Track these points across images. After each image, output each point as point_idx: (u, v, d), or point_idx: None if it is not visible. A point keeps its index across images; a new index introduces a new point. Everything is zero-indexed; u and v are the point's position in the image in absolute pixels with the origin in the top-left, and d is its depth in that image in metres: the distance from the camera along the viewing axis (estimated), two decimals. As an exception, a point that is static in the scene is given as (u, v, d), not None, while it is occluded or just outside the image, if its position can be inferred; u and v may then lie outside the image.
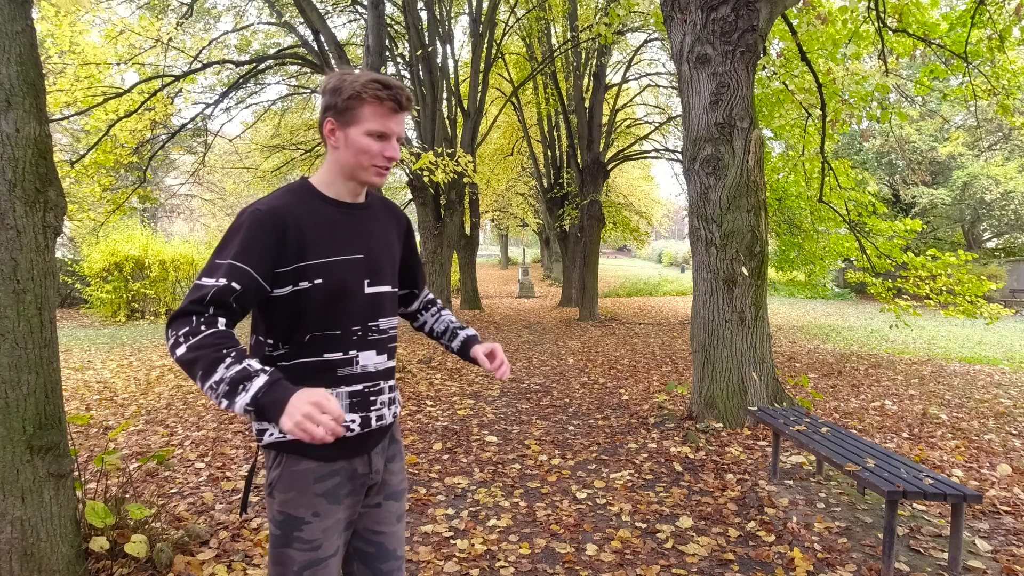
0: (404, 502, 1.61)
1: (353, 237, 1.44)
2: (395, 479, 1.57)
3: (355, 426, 1.43)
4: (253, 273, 1.30)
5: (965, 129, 21.05)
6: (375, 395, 1.47)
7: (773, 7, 5.20)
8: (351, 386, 1.43)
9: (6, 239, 2.18)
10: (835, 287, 22.43)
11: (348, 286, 1.41)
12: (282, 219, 1.34)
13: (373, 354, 1.46)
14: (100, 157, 8.97)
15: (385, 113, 1.37)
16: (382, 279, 1.49)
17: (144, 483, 3.82)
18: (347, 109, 1.37)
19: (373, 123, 1.37)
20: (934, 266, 7.39)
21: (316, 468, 1.40)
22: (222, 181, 23.79)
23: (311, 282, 1.36)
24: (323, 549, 1.40)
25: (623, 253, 52.42)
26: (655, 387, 6.96)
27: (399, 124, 1.40)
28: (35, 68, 2.30)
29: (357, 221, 1.47)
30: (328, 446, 1.34)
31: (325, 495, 1.40)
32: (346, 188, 1.46)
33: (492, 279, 32.79)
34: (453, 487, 3.85)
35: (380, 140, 1.38)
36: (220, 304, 1.27)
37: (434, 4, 12.19)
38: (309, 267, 1.36)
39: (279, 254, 1.33)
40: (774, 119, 8.90)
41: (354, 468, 1.46)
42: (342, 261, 1.41)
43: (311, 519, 1.39)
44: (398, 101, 1.37)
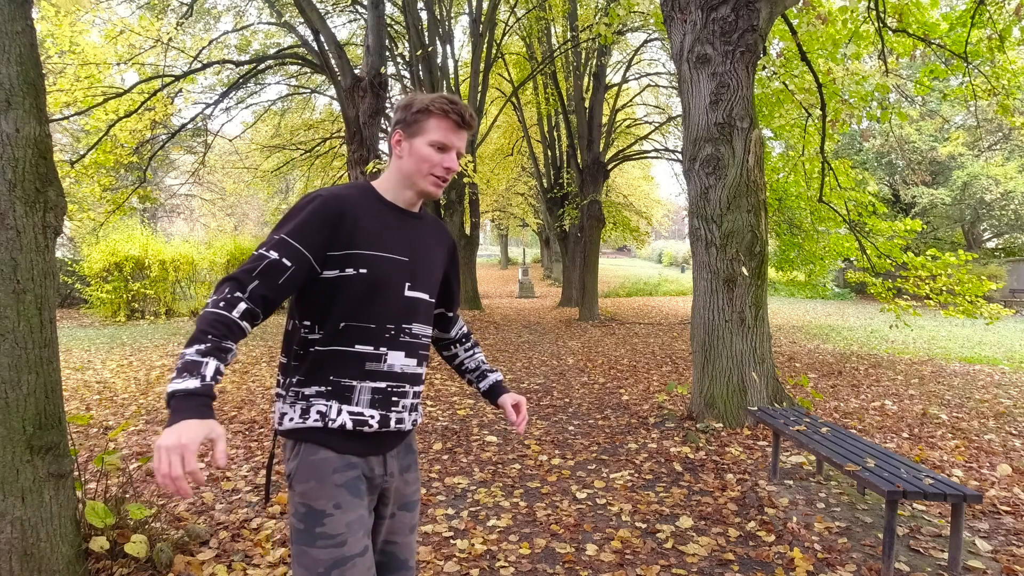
0: (417, 513, 1.62)
1: (402, 240, 1.50)
2: (409, 489, 1.58)
3: (374, 422, 1.44)
4: (302, 249, 1.36)
5: (965, 129, 21.05)
6: (398, 396, 1.48)
7: (773, 7, 5.20)
8: (376, 382, 1.45)
9: (6, 239, 2.18)
10: (835, 287, 22.44)
11: (389, 283, 1.46)
12: (341, 206, 1.42)
13: (402, 355, 1.48)
14: (100, 157, 8.97)
15: (449, 127, 1.47)
16: (422, 286, 1.53)
17: (144, 483, 3.82)
18: (415, 122, 1.47)
19: (436, 134, 1.46)
20: (934, 266, 7.39)
21: (334, 459, 1.40)
22: (222, 181, 23.81)
23: (356, 270, 1.41)
24: (349, 546, 1.36)
25: (623, 253, 52.42)
26: (655, 387, 6.96)
27: (460, 139, 1.50)
28: (35, 68, 2.30)
29: (408, 227, 1.53)
30: (346, 438, 1.41)
31: (346, 486, 1.39)
32: (403, 196, 1.53)
33: (492, 279, 32.78)
34: (453, 487, 3.85)
35: (441, 151, 1.48)
36: (268, 277, 1.33)
37: (434, 4, 12.19)
38: (357, 256, 1.41)
39: (333, 237, 1.40)
40: (774, 119, 8.90)
41: (371, 467, 1.47)
42: (388, 258, 1.46)
43: (333, 511, 1.37)
44: (461, 116, 1.47)
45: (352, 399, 1.42)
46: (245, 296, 1.31)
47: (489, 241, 52.96)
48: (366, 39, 8.12)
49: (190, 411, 1.16)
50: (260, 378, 7.32)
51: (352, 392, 1.42)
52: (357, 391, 1.42)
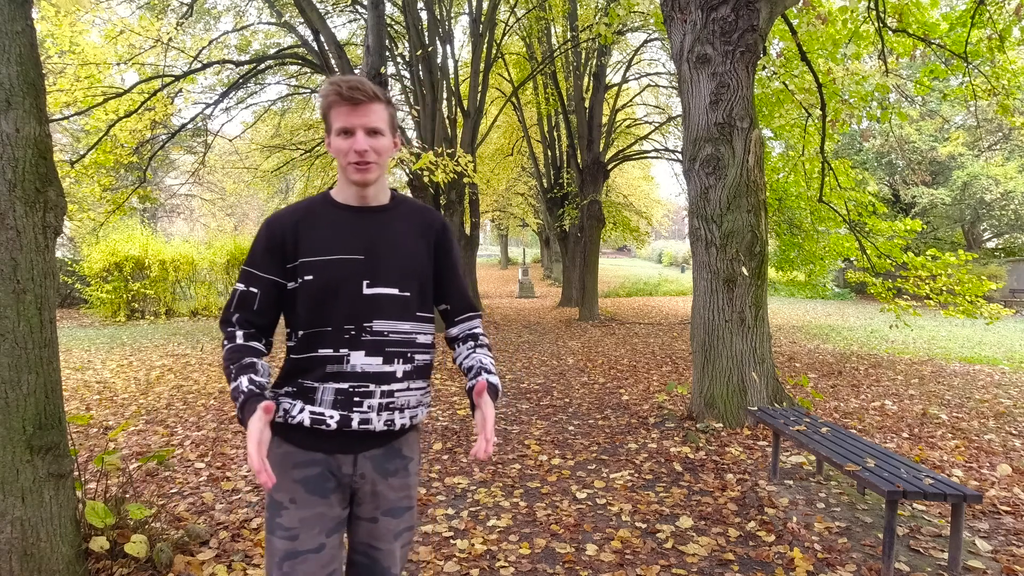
0: (406, 519, 1.57)
1: (355, 238, 1.49)
2: (394, 495, 1.54)
3: (332, 422, 1.44)
4: (261, 274, 1.48)
5: (965, 129, 21.05)
6: (361, 396, 1.46)
7: (773, 7, 5.20)
8: (339, 383, 1.45)
9: (6, 239, 2.18)
10: (835, 287, 22.43)
11: (341, 284, 1.46)
12: (277, 225, 1.49)
13: (363, 355, 1.46)
14: (100, 157, 8.97)
15: (343, 110, 1.42)
16: (385, 282, 1.49)
17: (144, 483, 3.82)
18: (324, 119, 1.48)
19: (336, 122, 1.44)
20: (934, 266, 7.39)
21: (295, 453, 1.45)
22: (222, 181, 23.80)
23: (303, 278, 1.46)
24: (300, 541, 1.41)
25: (623, 253, 52.42)
26: (655, 387, 6.96)
27: (362, 116, 1.42)
28: (35, 68, 2.30)
29: (366, 223, 1.52)
30: (305, 434, 1.46)
31: (303, 482, 1.44)
32: (351, 192, 1.52)
33: (492, 279, 32.78)
34: (453, 487, 3.85)
35: (346, 137, 1.43)
36: (243, 307, 1.49)
37: (434, 4, 12.18)
38: (303, 264, 1.46)
39: (282, 254, 1.47)
40: (774, 119, 8.90)
41: (338, 465, 1.47)
42: (335, 260, 1.47)
43: (288, 505, 1.43)
44: (342, 95, 1.40)
45: (315, 399, 1.45)
46: (236, 328, 1.48)
47: (489, 241, 52.96)
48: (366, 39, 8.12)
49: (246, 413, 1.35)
50: (260, 378, 7.31)
51: (315, 393, 1.45)
52: (320, 392, 1.45)
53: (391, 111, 1.49)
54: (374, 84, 1.46)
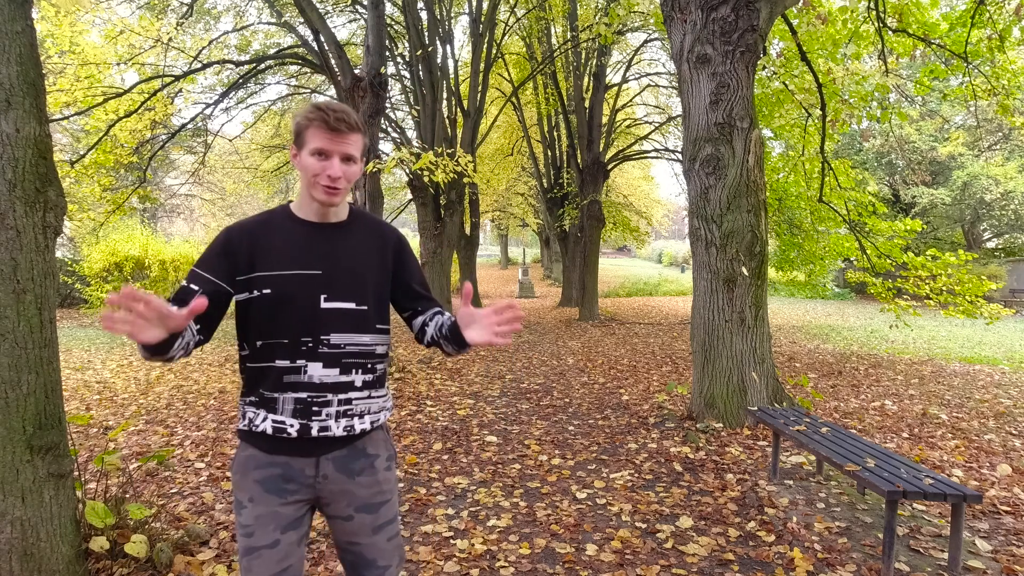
0: (384, 513, 1.61)
1: (314, 253, 1.53)
2: (366, 492, 1.58)
3: (293, 431, 1.50)
4: (207, 275, 1.49)
5: (965, 129, 21.04)
6: (319, 405, 1.51)
7: (773, 7, 5.20)
8: (297, 393, 1.50)
9: (6, 239, 2.18)
10: (835, 287, 22.43)
11: (297, 299, 1.50)
12: (236, 235, 1.53)
13: (320, 366, 1.50)
14: (100, 157, 8.97)
15: (323, 133, 1.46)
16: (344, 296, 1.53)
17: (144, 483, 3.82)
18: (298, 135, 1.50)
19: (313, 142, 1.47)
20: (934, 266, 7.38)
21: (258, 456, 1.52)
22: (222, 181, 23.79)
23: (260, 291, 1.50)
24: (256, 537, 1.49)
25: (623, 253, 52.41)
26: (655, 387, 6.96)
27: (341, 144, 1.47)
28: (35, 68, 2.30)
29: (324, 239, 1.55)
30: (267, 440, 1.52)
31: (262, 482, 1.51)
32: (312, 208, 1.55)
33: (492, 279, 32.78)
34: (453, 487, 3.85)
35: (321, 159, 1.47)
36: (180, 300, 1.43)
37: (434, 4, 12.18)
38: (259, 278, 1.50)
39: (234, 263, 1.51)
40: (774, 119, 8.90)
41: (300, 468, 1.52)
42: (293, 275, 1.51)
43: (247, 504, 1.51)
44: (326, 122, 1.45)
45: (277, 408, 1.50)
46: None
47: (489, 241, 52.95)
48: (366, 39, 8.12)
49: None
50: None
51: (276, 403, 1.51)
52: (280, 401, 1.50)
53: (365, 140, 1.55)
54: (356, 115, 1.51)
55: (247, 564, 1.49)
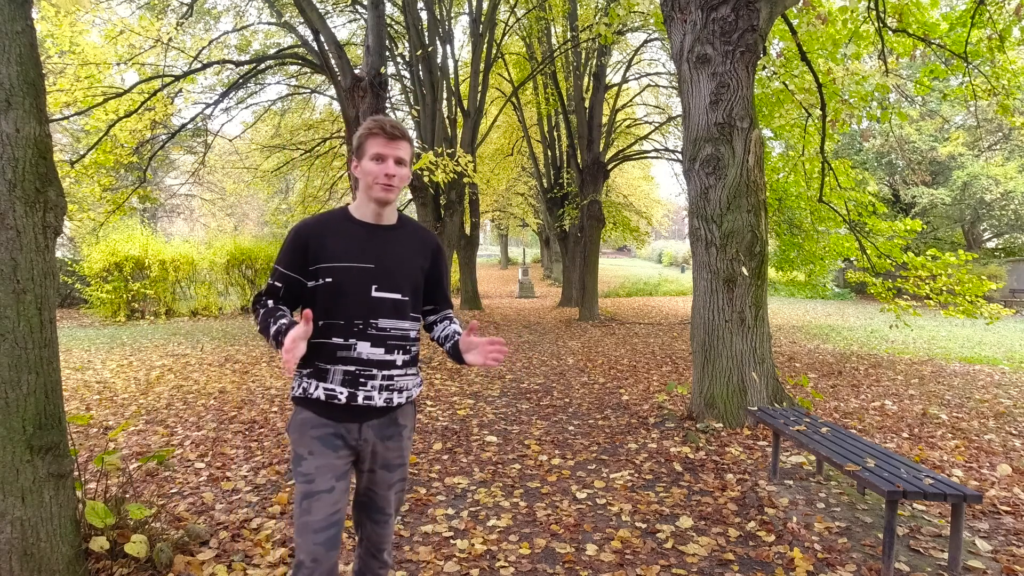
0: (398, 474, 1.94)
1: (369, 250, 1.84)
2: (391, 454, 1.91)
3: (343, 397, 1.80)
4: (287, 272, 1.84)
5: (965, 129, 21.04)
6: (366, 378, 1.82)
7: (773, 7, 5.20)
8: (347, 366, 1.81)
9: (6, 239, 2.18)
10: (835, 287, 22.43)
11: (354, 287, 1.80)
12: (306, 233, 1.84)
13: (368, 345, 1.82)
14: (100, 157, 8.97)
15: (380, 141, 1.80)
16: (391, 288, 1.84)
17: (144, 483, 3.82)
18: (359, 147, 1.84)
19: (372, 149, 1.81)
20: (934, 266, 7.38)
21: (313, 418, 1.82)
22: (222, 181, 23.80)
23: (323, 280, 1.81)
24: (316, 483, 1.77)
25: (623, 253, 52.41)
26: (655, 387, 6.96)
27: (393, 149, 1.80)
28: (35, 68, 2.30)
29: (377, 238, 1.86)
30: (321, 406, 1.82)
31: (320, 439, 1.80)
32: (369, 210, 1.86)
33: (492, 279, 32.77)
34: (453, 487, 3.85)
35: (379, 162, 1.80)
36: (272, 294, 1.87)
37: (434, 4, 12.18)
38: (323, 268, 1.81)
39: (305, 257, 1.82)
40: (774, 119, 8.90)
41: (346, 430, 1.83)
42: (351, 267, 1.80)
43: (307, 456, 1.80)
44: (383, 128, 1.80)
45: (327, 378, 1.81)
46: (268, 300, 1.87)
47: (489, 241, 52.95)
48: (366, 39, 8.12)
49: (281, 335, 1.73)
50: (260, 378, 7.32)
51: (327, 373, 1.81)
52: (331, 372, 1.81)
53: (412, 150, 1.88)
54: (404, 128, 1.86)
55: (307, 506, 1.75)
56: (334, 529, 1.78)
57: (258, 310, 1.85)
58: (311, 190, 18.59)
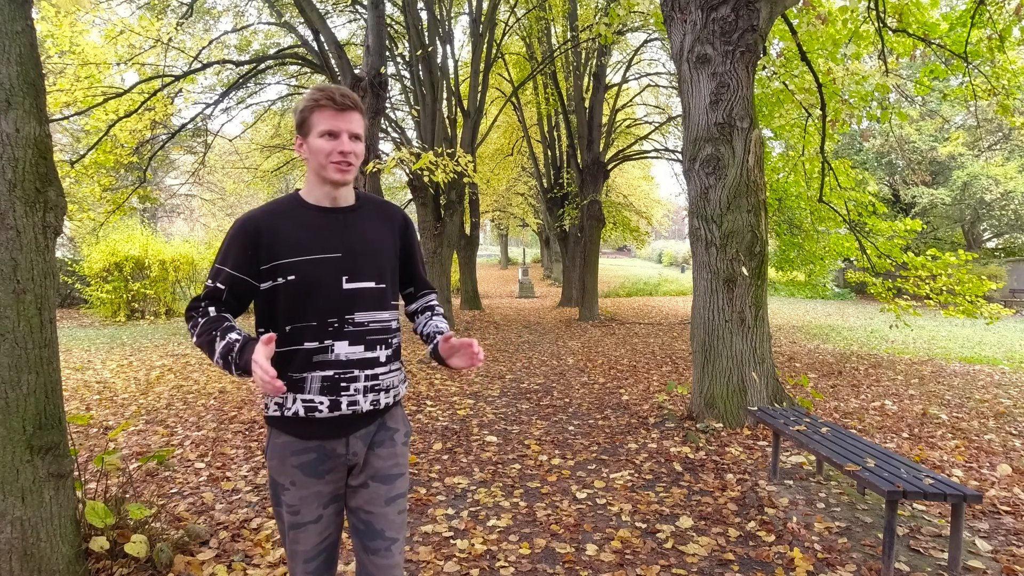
0: (397, 486, 1.68)
1: (331, 238, 1.60)
2: (383, 463, 1.66)
3: (324, 407, 1.57)
4: (233, 272, 1.57)
5: (965, 129, 21.04)
6: (347, 382, 1.59)
7: (773, 7, 5.20)
8: (324, 371, 1.58)
9: (6, 239, 2.18)
10: (835, 287, 22.42)
11: (322, 282, 1.57)
12: (256, 226, 1.57)
13: (346, 344, 1.59)
14: (100, 157, 8.97)
15: (329, 114, 1.53)
16: (363, 276, 1.61)
17: (144, 483, 3.82)
18: (303, 122, 1.57)
19: (322, 125, 1.54)
20: (934, 266, 7.38)
21: (292, 443, 1.60)
22: (222, 181, 23.79)
23: (285, 278, 1.55)
24: (301, 515, 1.60)
25: (623, 253, 52.40)
26: (655, 387, 6.96)
27: (347, 122, 1.54)
28: (35, 68, 2.30)
29: (339, 223, 1.62)
30: (301, 424, 1.58)
31: (301, 467, 1.59)
32: (323, 192, 1.61)
33: (492, 279, 32.77)
34: (453, 487, 3.85)
35: (331, 139, 1.54)
36: (213, 300, 1.59)
37: (434, 4, 12.18)
38: (282, 265, 1.56)
39: (256, 254, 1.56)
40: (774, 119, 8.90)
41: (332, 448, 1.61)
42: (315, 259, 1.57)
43: (289, 487, 1.60)
44: (332, 100, 1.53)
45: (304, 388, 1.57)
46: (207, 306, 1.59)
47: (489, 241, 52.94)
48: (366, 39, 8.12)
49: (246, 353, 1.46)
50: (260, 378, 7.31)
51: (304, 383, 1.57)
52: (308, 381, 1.57)
53: (366, 122, 1.64)
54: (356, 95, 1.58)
55: (294, 537, 1.60)
56: (326, 553, 1.65)
57: (196, 319, 1.57)
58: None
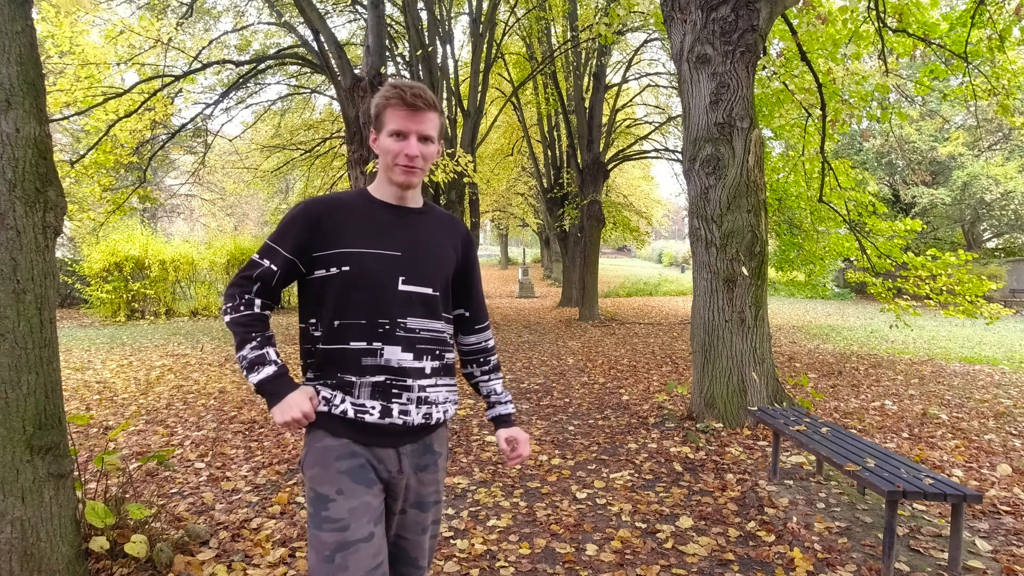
0: (433, 513, 1.61)
1: (394, 235, 1.52)
2: (425, 489, 1.58)
3: (375, 412, 1.47)
4: (288, 256, 1.49)
5: (965, 129, 21.04)
6: (399, 389, 1.49)
7: (773, 7, 5.20)
8: (375, 376, 1.47)
9: (6, 239, 2.18)
10: (835, 287, 22.42)
11: (376, 278, 1.48)
12: (318, 209, 1.50)
13: (398, 350, 1.49)
14: (100, 157, 8.97)
15: (400, 113, 1.46)
16: (421, 281, 1.53)
17: (144, 483, 3.82)
18: (377, 117, 1.51)
19: (392, 124, 1.47)
20: (934, 266, 7.38)
21: (338, 446, 1.46)
22: (222, 181, 23.80)
23: (339, 268, 1.47)
24: (351, 531, 1.39)
25: (623, 253, 52.40)
26: (655, 387, 6.96)
27: (419, 123, 1.46)
28: (35, 68, 2.30)
29: (403, 223, 1.55)
30: (347, 425, 1.47)
31: (349, 473, 1.44)
32: (390, 191, 1.55)
33: (492, 279, 32.78)
34: (453, 487, 3.84)
35: (399, 139, 1.47)
36: (263, 282, 1.51)
37: (434, 4, 12.18)
38: (340, 254, 1.47)
39: (314, 239, 1.48)
40: (774, 119, 8.90)
41: (379, 459, 1.49)
42: (374, 254, 1.49)
43: (335, 496, 1.41)
44: (403, 99, 1.45)
45: (354, 392, 1.47)
46: (254, 295, 1.51)
47: (489, 241, 52.93)
48: (366, 39, 8.12)
49: (285, 388, 1.46)
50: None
51: (353, 387, 1.47)
52: (358, 386, 1.47)
53: (442, 120, 1.54)
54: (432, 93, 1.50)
55: (342, 561, 1.37)
56: None
57: (238, 303, 1.49)
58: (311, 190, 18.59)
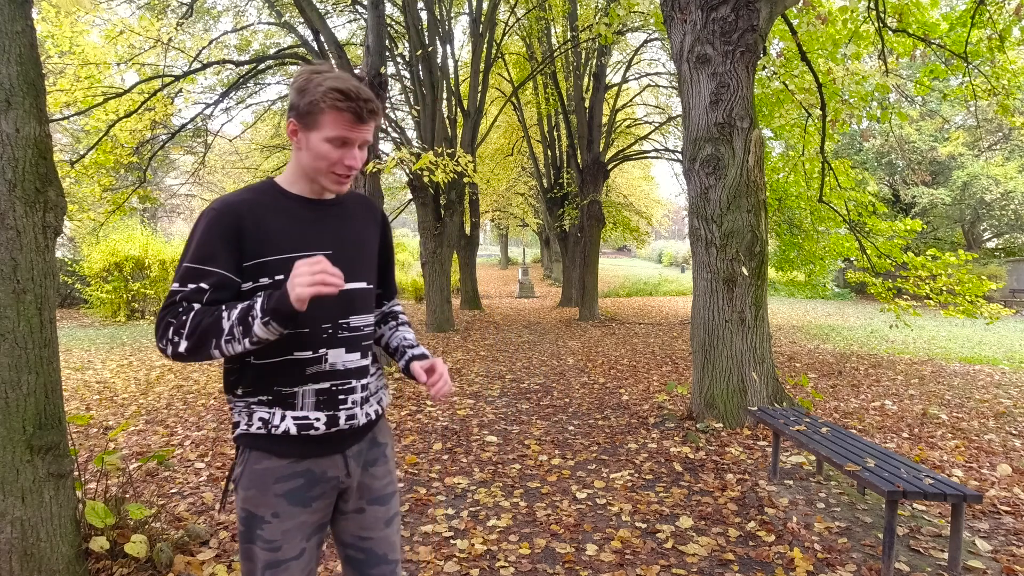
0: (393, 505, 1.55)
1: (321, 233, 1.42)
2: (378, 483, 1.52)
3: (320, 424, 1.39)
4: (219, 271, 1.31)
5: (965, 129, 21.04)
6: (344, 393, 1.42)
7: (773, 7, 5.20)
8: (319, 383, 1.39)
9: (6, 239, 2.18)
10: (835, 287, 22.42)
11: None
12: (238, 214, 1.33)
13: (343, 352, 1.42)
14: (100, 157, 8.97)
15: (345, 122, 1.33)
16: (355, 276, 1.44)
17: (144, 483, 3.82)
18: (308, 113, 1.33)
19: (332, 130, 1.33)
20: (934, 266, 7.38)
21: (278, 468, 1.38)
22: (222, 181, 23.80)
23: (272, 278, 1.33)
24: (283, 551, 1.38)
25: (623, 253, 52.40)
26: (655, 387, 6.96)
27: (362, 132, 1.35)
28: (35, 68, 2.30)
29: (326, 216, 1.44)
30: (292, 444, 1.37)
31: (286, 496, 1.38)
32: (310, 188, 1.43)
33: (492, 279, 32.78)
34: (453, 487, 3.84)
35: (340, 147, 1.35)
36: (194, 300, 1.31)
37: (434, 4, 12.18)
38: (270, 263, 1.34)
39: (239, 248, 1.32)
40: (774, 119, 8.90)
41: (323, 470, 1.42)
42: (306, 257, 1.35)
43: (271, 519, 1.37)
44: (358, 113, 1.32)
45: (296, 404, 1.38)
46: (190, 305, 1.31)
47: (489, 241, 52.93)
48: (366, 39, 8.12)
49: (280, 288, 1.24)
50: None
51: (295, 398, 1.38)
52: (300, 395, 1.38)
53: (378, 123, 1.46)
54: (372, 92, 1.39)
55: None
56: None
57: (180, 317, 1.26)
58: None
